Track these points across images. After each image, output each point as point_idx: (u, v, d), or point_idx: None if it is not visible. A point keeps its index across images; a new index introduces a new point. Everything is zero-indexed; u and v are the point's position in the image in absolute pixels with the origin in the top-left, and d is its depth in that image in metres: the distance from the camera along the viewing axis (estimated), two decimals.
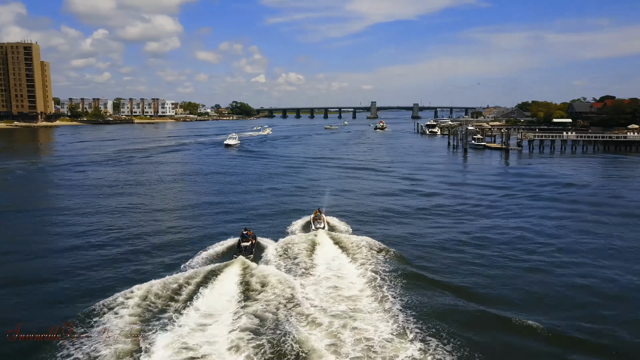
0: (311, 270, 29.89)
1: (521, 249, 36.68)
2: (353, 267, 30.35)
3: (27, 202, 55.25)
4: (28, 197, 59.31)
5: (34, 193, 63.04)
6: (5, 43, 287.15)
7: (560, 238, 39.96)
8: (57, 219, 46.89)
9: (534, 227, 43.42)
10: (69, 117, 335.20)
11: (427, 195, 61.71)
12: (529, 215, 48.54)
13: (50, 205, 54.58)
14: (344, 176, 79.92)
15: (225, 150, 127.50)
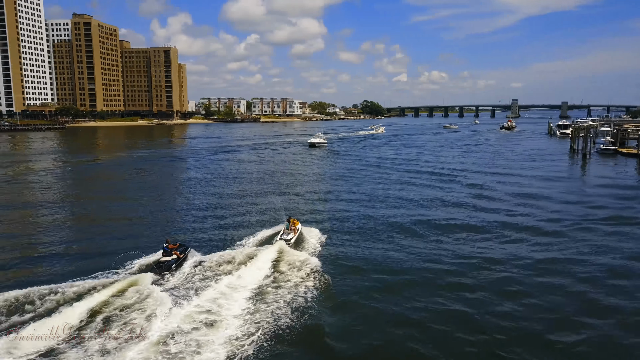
0: (203, 293, 25.44)
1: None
2: (255, 292, 25.92)
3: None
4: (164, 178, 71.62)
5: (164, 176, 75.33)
6: (149, 48, 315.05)
7: None
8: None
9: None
10: (202, 116, 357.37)
11: (474, 210, 47.46)
12: None
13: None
14: (398, 182, 67.07)
15: (306, 150, 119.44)
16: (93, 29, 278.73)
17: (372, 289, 27.37)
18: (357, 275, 29.47)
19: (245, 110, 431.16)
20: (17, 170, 77.95)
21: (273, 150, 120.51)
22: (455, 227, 41.23)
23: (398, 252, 34.46)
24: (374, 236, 38.68)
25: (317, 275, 28.25)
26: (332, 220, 43.42)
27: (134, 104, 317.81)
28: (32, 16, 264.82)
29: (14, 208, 49.33)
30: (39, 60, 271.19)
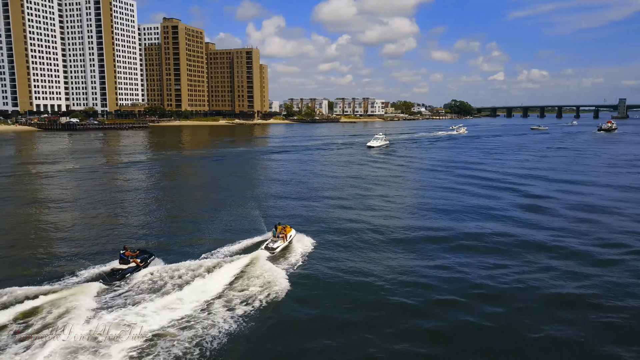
0: (135, 307, 23.15)
1: None
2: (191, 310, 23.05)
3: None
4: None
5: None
6: (232, 49, 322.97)
7: None
8: None
9: None
10: (282, 116, 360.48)
11: (515, 225, 38.25)
12: None
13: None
14: (443, 188, 58.61)
15: (364, 151, 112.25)
16: (180, 32, 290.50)
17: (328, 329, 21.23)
18: (326, 309, 23.83)
19: (326, 110, 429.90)
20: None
21: (329, 150, 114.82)
22: (474, 248, 33.33)
23: (386, 275, 27.84)
24: (373, 252, 32.38)
25: (273, 298, 24.36)
26: (337, 231, 37.74)
27: (217, 104, 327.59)
28: (125, 22, 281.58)
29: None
30: (131, 62, 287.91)
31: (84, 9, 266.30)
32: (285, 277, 26.91)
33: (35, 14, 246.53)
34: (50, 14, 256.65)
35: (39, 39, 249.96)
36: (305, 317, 22.96)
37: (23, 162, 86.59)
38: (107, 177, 69.06)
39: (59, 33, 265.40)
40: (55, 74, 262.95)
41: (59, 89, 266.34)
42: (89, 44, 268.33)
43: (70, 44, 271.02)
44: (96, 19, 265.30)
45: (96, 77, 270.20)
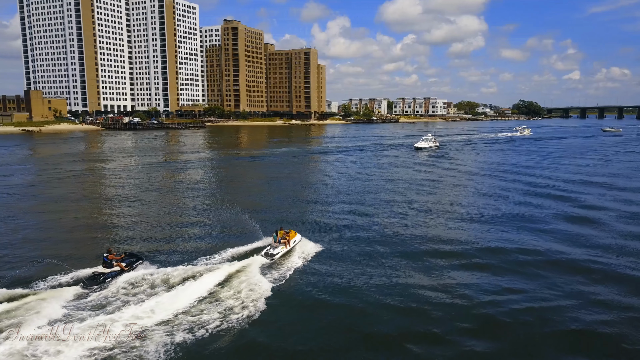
0: (102, 315, 22.02)
1: None
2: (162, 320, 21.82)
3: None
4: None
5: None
6: (290, 50, 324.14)
7: None
8: None
9: None
10: (339, 117, 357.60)
11: (550, 240, 33.02)
12: None
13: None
14: (483, 194, 52.88)
15: (410, 153, 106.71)
16: (240, 33, 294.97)
17: None
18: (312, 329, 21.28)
19: (385, 110, 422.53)
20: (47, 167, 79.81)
21: (375, 152, 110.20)
22: (493, 268, 28.74)
23: (385, 300, 24.25)
24: (380, 269, 28.87)
25: (240, 321, 21.83)
26: (349, 239, 34.85)
27: (275, 105, 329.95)
28: (188, 25, 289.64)
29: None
30: (192, 64, 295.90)
31: (149, 13, 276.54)
32: (265, 295, 24.44)
33: (104, 19, 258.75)
34: (118, 18, 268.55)
35: (107, 42, 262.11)
36: (264, 352, 19.59)
37: (71, 160, 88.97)
38: (140, 175, 68.85)
39: (126, 36, 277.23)
40: (122, 76, 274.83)
41: (125, 90, 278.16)
42: (153, 47, 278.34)
43: (136, 47, 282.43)
44: (160, 22, 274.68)
45: (159, 79, 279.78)
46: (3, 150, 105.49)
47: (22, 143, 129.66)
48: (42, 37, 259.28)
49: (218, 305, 23.09)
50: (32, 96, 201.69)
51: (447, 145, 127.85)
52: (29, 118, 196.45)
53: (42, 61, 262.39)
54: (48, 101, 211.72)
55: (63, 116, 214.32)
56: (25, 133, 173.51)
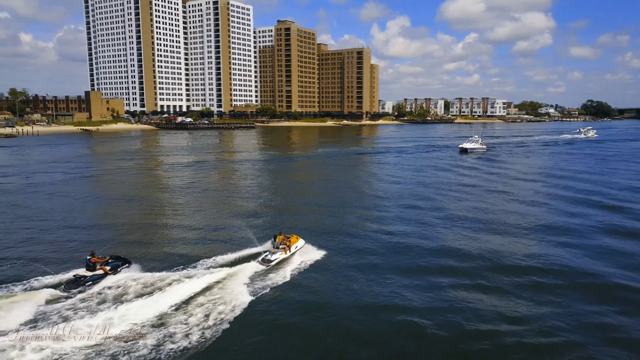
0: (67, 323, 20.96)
1: None
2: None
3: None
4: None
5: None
6: (343, 50, 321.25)
7: None
8: None
9: None
10: (392, 117, 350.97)
11: (586, 250, 28.34)
12: None
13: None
14: (523, 201, 47.47)
15: (454, 155, 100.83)
16: (292, 33, 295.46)
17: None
18: None
19: (441, 110, 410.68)
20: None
21: (415, 153, 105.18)
22: (510, 290, 24.40)
23: (381, 321, 21.22)
24: (383, 285, 25.83)
25: (209, 336, 20.21)
26: (358, 249, 32.20)
27: (327, 105, 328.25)
28: (242, 26, 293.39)
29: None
30: (246, 65, 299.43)
31: (204, 15, 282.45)
32: (237, 310, 22.55)
33: (162, 22, 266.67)
34: (175, 21, 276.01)
35: (164, 44, 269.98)
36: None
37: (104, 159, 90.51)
38: (167, 175, 68.34)
39: (183, 38, 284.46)
40: (178, 77, 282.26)
41: (181, 91, 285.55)
42: (207, 48, 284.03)
43: (191, 48, 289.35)
44: (215, 24, 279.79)
45: (213, 79, 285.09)
46: (55, 148, 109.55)
47: (74, 141, 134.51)
48: (105, 40, 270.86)
49: (180, 320, 21.48)
50: (92, 97, 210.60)
51: (497, 147, 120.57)
52: (89, 118, 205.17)
53: (104, 63, 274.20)
54: (106, 101, 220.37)
55: (120, 116, 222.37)
56: (83, 132, 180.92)
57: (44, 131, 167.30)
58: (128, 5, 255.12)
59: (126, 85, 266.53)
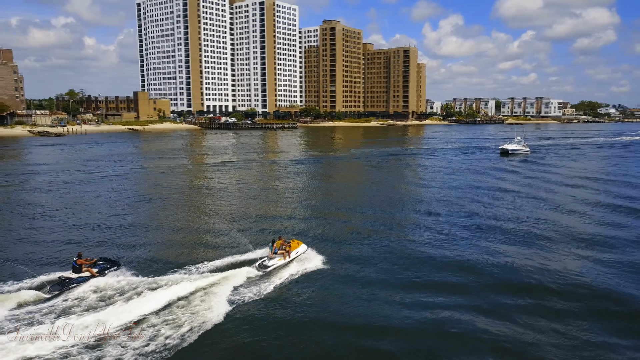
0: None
1: None
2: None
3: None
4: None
5: None
6: (389, 49, 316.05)
7: None
8: None
9: None
10: (439, 117, 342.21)
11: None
12: None
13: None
14: (554, 209, 42.85)
15: (495, 157, 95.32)
16: (337, 33, 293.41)
17: None
18: None
19: (492, 110, 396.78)
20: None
21: (455, 155, 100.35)
22: (533, 311, 20.81)
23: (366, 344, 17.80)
24: (387, 302, 23.15)
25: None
26: (365, 259, 29.69)
27: (372, 105, 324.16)
28: (287, 26, 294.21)
29: None
30: (290, 65, 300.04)
31: (250, 15, 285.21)
32: (208, 324, 20.89)
33: (209, 23, 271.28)
34: (222, 21, 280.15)
35: (212, 45, 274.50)
36: None
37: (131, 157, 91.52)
38: (190, 174, 67.82)
39: (229, 39, 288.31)
40: (224, 77, 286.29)
41: (227, 91, 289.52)
42: (253, 48, 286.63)
43: (238, 49, 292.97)
44: (260, 24, 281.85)
45: (258, 80, 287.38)
46: (94, 146, 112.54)
47: (116, 140, 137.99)
48: (155, 42, 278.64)
49: (144, 330, 20.31)
50: (139, 97, 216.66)
51: (544, 150, 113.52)
52: (136, 117, 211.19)
53: (154, 65, 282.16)
54: (153, 102, 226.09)
55: (166, 116, 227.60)
56: (130, 131, 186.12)
57: (92, 130, 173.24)
58: (177, 8, 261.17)
59: (174, 85, 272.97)
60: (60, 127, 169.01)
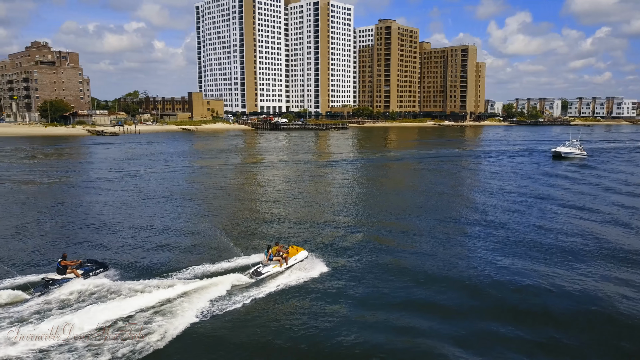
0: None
1: None
2: None
3: None
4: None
5: None
6: (446, 47, 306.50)
7: None
8: None
9: None
10: (499, 118, 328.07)
11: None
12: None
13: None
14: (605, 221, 37.79)
15: (543, 161, 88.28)
16: (393, 32, 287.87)
17: None
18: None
19: (558, 111, 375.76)
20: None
21: (502, 158, 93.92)
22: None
23: None
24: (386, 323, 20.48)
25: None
26: (374, 268, 27.46)
27: (428, 105, 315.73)
28: (342, 26, 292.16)
29: None
30: (345, 65, 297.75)
31: (305, 16, 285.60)
32: (166, 338, 19.53)
33: (264, 24, 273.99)
34: (277, 22, 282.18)
35: (266, 46, 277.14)
36: None
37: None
38: (217, 174, 67.08)
39: (284, 39, 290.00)
40: (278, 78, 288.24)
41: (281, 92, 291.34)
42: (307, 49, 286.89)
43: (292, 49, 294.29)
44: (314, 24, 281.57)
45: (311, 80, 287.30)
46: (139, 145, 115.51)
47: (165, 140, 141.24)
48: (211, 44, 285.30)
49: (109, 336, 19.57)
50: (193, 98, 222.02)
51: (605, 153, 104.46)
52: (191, 117, 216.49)
53: (210, 66, 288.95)
54: (207, 102, 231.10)
55: (219, 116, 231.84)
56: (183, 131, 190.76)
57: (146, 130, 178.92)
58: (233, 10, 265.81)
59: (229, 86, 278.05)
60: (118, 126, 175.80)
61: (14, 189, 54.26)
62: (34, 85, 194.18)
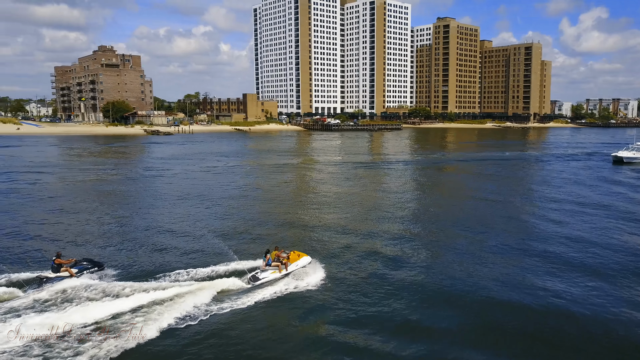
0: None
1: None
2: None
3: None
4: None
5: None
6: (509, 46, 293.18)
7: None
8: None
9: None
10: (566, 120, 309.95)
11: None
12: None
13: None
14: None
15: (607, 165, 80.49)
16: (451, 31, 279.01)
17: None
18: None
19: (634, 112, 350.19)
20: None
21: (557, 162, 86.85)
22: None
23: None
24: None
25: None
26: (383, 281, 24.84)
27: (489, 106, 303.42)
28: (399, 25, 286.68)
29: None
30: (401, 65, 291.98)
31: (360, 16, 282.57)
32: (144, 338, 19.02)
33: (319, 25, 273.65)
34: (332, 23, 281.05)
35: (322, 47, 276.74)
36: None
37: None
38: (256, 175, 66.08)
39: (340, 40, 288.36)
40: (334, 79, 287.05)
41: (336, 92, 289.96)
42: (362, 49, 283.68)
43: (348, 50, 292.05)
44: (370, 24, 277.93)
45: (367, 81, 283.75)
46: (185, 145, 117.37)
47: (216, 140, 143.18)
48: (268, 45, 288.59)
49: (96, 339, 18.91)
50: (248, 99, 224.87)
51: None
52: (245, 118, 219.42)
53: (266, 67, 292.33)
54: (261, 103, 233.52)
55: (272, 117, 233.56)
56: (237, 131, 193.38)
57: (199, 130, 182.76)
58: (289, 11, 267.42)
59: (285, 87, 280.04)
60: (174, 127, 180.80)
61: (42, 187, 55.51)
62: (99, 87, 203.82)
